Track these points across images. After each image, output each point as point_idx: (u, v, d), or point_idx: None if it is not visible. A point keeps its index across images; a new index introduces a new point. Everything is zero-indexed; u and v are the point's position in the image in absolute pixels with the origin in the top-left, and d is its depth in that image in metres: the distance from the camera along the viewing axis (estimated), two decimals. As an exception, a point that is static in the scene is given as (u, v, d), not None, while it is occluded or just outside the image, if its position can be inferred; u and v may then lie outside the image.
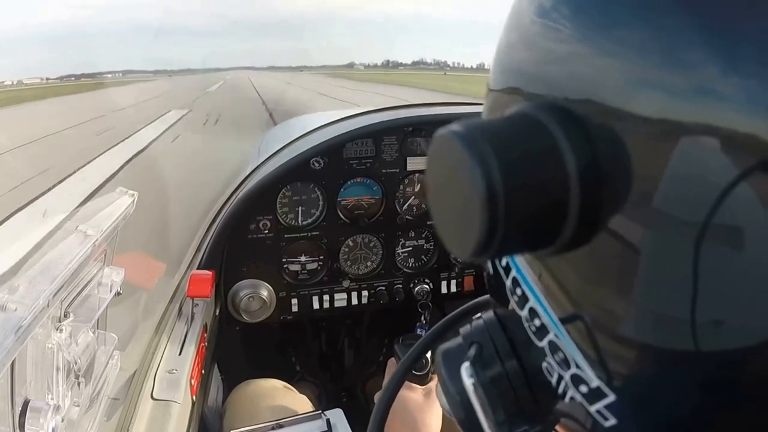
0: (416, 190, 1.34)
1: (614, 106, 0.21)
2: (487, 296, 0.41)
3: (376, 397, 1.02)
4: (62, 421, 0.59)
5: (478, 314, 0.35)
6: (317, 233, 1.30)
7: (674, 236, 0.20)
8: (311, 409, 1.10)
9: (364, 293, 1.38)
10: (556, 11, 0.24)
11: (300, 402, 1.16)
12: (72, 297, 0.65)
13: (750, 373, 0.20)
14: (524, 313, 0.29)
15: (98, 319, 0.71)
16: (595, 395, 0.25)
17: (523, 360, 0.31)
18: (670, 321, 0.21)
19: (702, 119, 0.19)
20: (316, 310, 1.36)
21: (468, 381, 0.31)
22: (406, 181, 1.33)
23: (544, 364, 0.28)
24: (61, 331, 0.62)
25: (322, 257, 1.33)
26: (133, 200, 0.81)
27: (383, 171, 1.30)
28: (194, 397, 0.91)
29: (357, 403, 1.66)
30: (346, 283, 1.37)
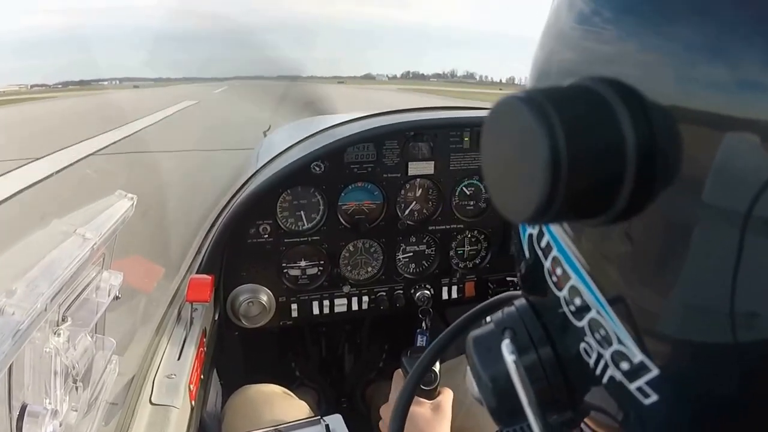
0: (417, 195, 1.34)
1: (668, 96, 0.22)
2: (500, 296, 0.42)
3: (382, 410, 1.02)
4: (60, 426, 0.59)
5: (510, 303, 0.35)
6: (317, 238, 1.29)
7: (718, 224, 0.21)
8: (310, 415, 1.10)
9: (365, 299, 1.38)
10: (597, 15, 0.25)
11: (299, 408, 1.15)
12: (70, 301, 0.65)
13: None
14: (563, 293, 0.29)
15: (96, 324, 0.71)
16: (637, 371, 0.25)
17: (557, 346, 0.31)
18: (709, 306, 0.22)
19: (749, 114, 0.19)
20: (316, 315, 1.35)
21: (509, 358, 0.31)
22: (408, 186, 1.32)
23: (582, 345, 0.28)
24: (59, 335, 0.62)
25: (322, 262, 1.33)
26: (132, 203, 0.81)
27: (384, 176, 1.29)
28: (193, 402, 0.91)
29: (356, 409, 1.65)
30: (346, 289, 1.36)
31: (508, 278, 1.44)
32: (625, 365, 0.26)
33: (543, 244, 0.30)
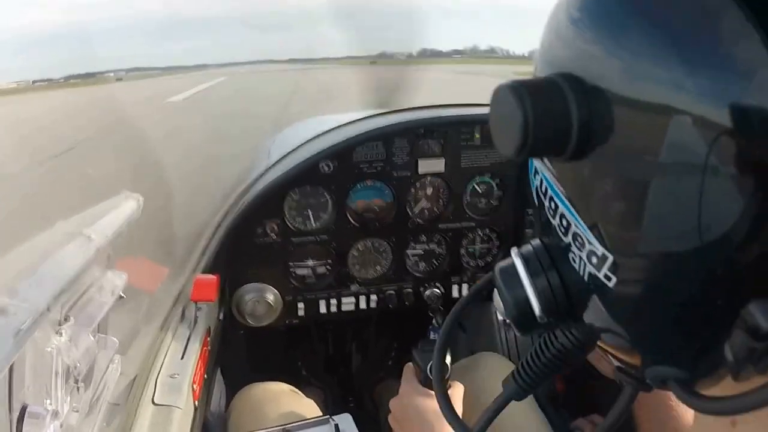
0: (428, 193, 1.33)
1: (607, 83, 0.34)
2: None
3: (392, 403, 1.01)
4: (61, 427, 0.59)
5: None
6: (326, 237, 1.29)
7: (633, 165, 0.34)
8: (318, 414, 1.09)
9: (373, 297, 1.37)
10: (581, 21, 0.37)
11: (306, 406, 1.15)
12: (73, 301, 0.65)
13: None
14: (556, 221, 0.41)
15: (99, 323, 0.71)
16: (601, 261, 0.37)
17: (560, 268, 0.42)
18: (646, 215, 0.33)
19: (661, 101, 0.31)
20: (323, 314, 1.35)
21: (516, 259, 0.44)
22: (418, 185, 1.31)
23: (570, 255, 0.40)
24: (61, 334, 0.61)
25: (330, 261, 1.32)
26: (139, 204, 0.81)
27: (394, 174, 1.28)
28: (196, 402, 0.91)
29: (364, 409, 1.64)
30: (354, 287, 1.35)
31: None
32: (594, 259, 0.38)
33: (543, 189, 0.43)
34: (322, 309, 1.34)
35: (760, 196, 0.29)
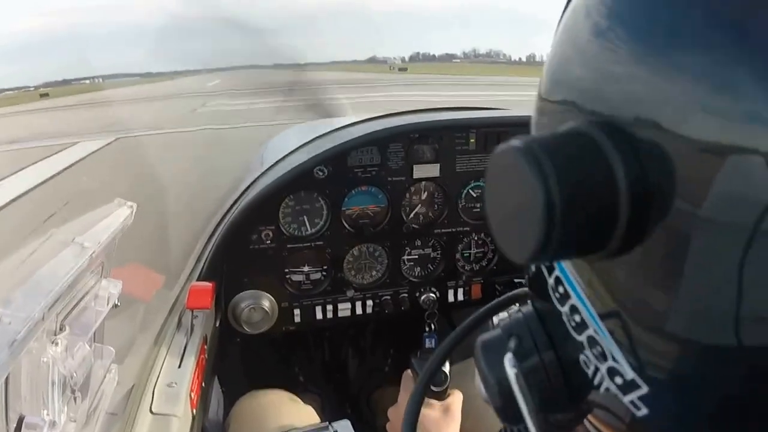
0: (423, 198, 1.33)
1: (666, 127, 0.23)
2: (507, 295, 0.45)
3: (390, 412, 1.01)
4: (58, 437, 0.58)
5: (516, 307, 0.38)
6: (321, 243, 1.28)
7: (717, 244, 0.22)
8: (316, 421, 1.09)
9: (369, 303, 1.37)
10: (612, 32, 0.26)
11: (305, 413, 1.15)
12: (68, 310, 0.64)
13: None
14: (565, 309, 0.31)
15: (95, 332, 0.70)
16: (629, 387, 0.28)
17: (560, 352, 0.33)
18: (710, 319, 0.23)
19: (747, 143, 0.21)
20: (320, 320, 1.34)
21: (511, 372, 0.33)
22: (413, 189, 1.31)
23: (582, 357, 0.31)
24: (57, 344, 0.61)
25: (325, 267, 1.32)
26: (132, 211, 0.80)
27: (389, 179, 1.28)
28: (194, 411, 0.90)
29: (362, 415, 1.64)
30: (350, 293, 1.35)
31: (516, 280, 1.42)
32: (618, 380, 0.28)
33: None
34: (319, 315, 1.34)
35: None
